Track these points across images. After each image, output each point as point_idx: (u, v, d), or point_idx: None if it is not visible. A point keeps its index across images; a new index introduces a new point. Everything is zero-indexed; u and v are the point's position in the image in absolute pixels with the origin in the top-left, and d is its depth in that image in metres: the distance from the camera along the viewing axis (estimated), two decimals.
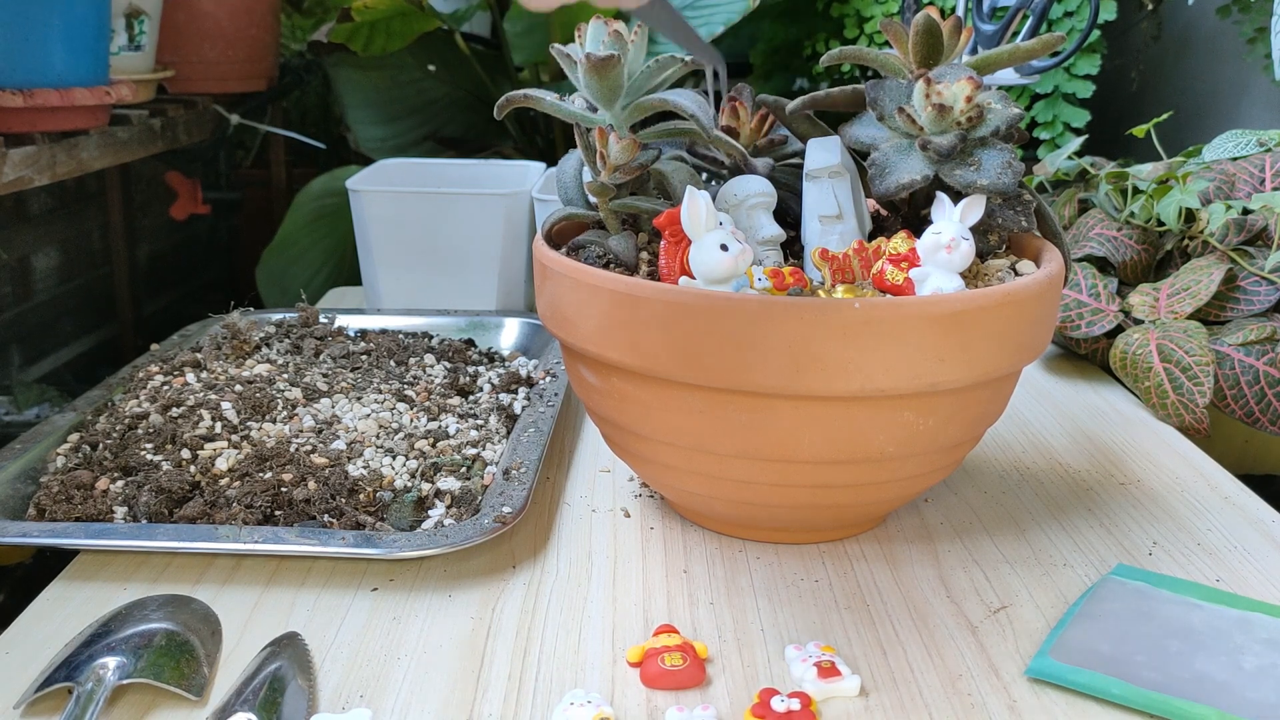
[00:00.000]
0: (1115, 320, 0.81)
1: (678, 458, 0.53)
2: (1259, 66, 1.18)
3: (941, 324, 0.47)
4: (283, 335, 0.82)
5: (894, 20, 0.58)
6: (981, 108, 0.54)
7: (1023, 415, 0.76)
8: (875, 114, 0.56)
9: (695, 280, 0.51)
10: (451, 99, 1.42)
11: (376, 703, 0.45)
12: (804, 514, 0.56)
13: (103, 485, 0.59)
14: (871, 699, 0.45)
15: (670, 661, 0.45)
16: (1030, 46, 0.57)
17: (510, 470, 0.61)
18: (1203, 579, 0.55)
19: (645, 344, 0.49)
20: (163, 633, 0.47)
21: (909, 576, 0.55)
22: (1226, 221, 0.83)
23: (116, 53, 1.06)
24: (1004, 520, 0.61)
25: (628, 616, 0.51)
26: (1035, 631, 0.50)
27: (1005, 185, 0.53)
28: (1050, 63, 0.95)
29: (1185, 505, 0.63)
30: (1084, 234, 0.89)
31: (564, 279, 0.53)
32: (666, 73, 0.54)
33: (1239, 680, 0.45)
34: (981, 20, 0.94)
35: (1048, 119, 1.22)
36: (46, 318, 1.28)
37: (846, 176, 0.57)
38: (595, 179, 0.55)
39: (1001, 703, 0.45)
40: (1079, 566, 0.56)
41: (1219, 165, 0.91)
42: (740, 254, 0.50)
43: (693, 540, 0.58)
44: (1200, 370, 0.73)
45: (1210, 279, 0.79)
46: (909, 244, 0.53)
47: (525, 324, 0.87)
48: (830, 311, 0.47)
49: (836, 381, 0.47)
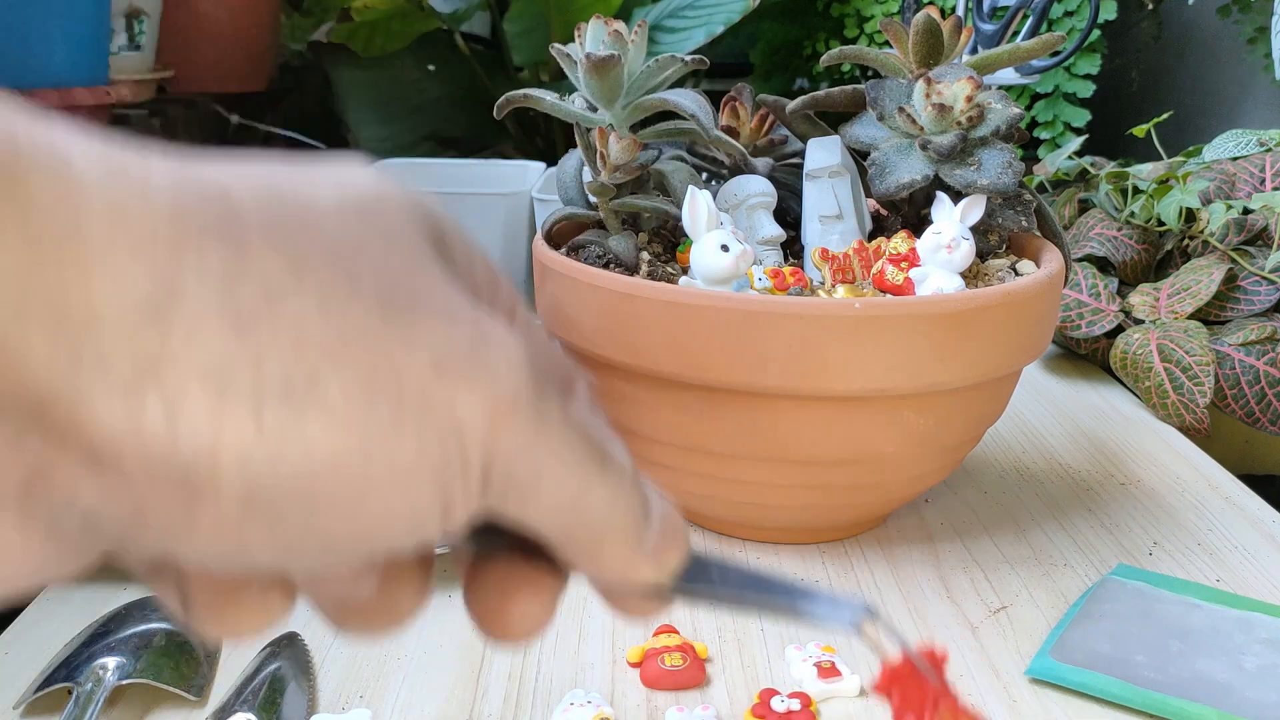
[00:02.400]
0: (1115, 320, 0.81)
1: (677, 458, 0.53)
2: (1259, 66, 1.18)
3: (941, 324, 0.47)
4: None
5: (894, 20, 0.58)
6: (982, 107, 0.54)
7: (1023, 415, 0.76)
8: (875, 114, 0.56)
9: (695, 280, 0.51)
10: (451, 99, 1.42)
11: (376, 703, 0.44)
12: (804, 514, 0.56)
13: None
14: (871, 699, 0.45)
15: (670, 661, 0.45)
16: (1030, 46, 0.57)
17: None
18: (1203, 579, 0.55)
19: (645, 344, 0.49)
20: (162, 633, 0.47)
21: (909, 576, 0.55)
22: (1227, 221, 0.83)
23: (116, 53, 1.06)
24: (1004, 520, 0.61)
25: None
26: (1035, 631, 0.50)
27: (1005, 185, 0.53)
28: (1050, 62, 0.95)
29: (1185, 505, 0.63)
30: (1084, 234, 0.89)
31: (564, 279, 0.53)
32: (666, 73, 0.54)
33: (1239, 680, 0.45)
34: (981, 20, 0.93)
35: (1048, 119, 1.22)
36: None
37: (846, 176, 0.57)
38: (595, 179, 0.55)
39: (1001, 703, 0.45)
40: (1079, 566, 0.56)
41: (1219, 165, 0.91)
42: (741, 254, 0.50)
43: (693, 540, 0.58)
44: (1200, 370, 0.73)
45: (1210, 279, 0.79)
46: (909, 244, 0.53)
47: None
48: (830, 311, 0.47)
49: (836, 381, 0.47)
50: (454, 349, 0.19)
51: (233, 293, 0.17)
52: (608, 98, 0.54)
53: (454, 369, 0.18)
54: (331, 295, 0.18)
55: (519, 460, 0.19)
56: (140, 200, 0.17)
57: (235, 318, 0.17)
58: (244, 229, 0.17)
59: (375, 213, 0.20)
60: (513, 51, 1.36)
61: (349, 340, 0.18)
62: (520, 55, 1.36)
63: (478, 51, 1.43)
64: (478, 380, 0.19)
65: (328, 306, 0.18)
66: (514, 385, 0.19)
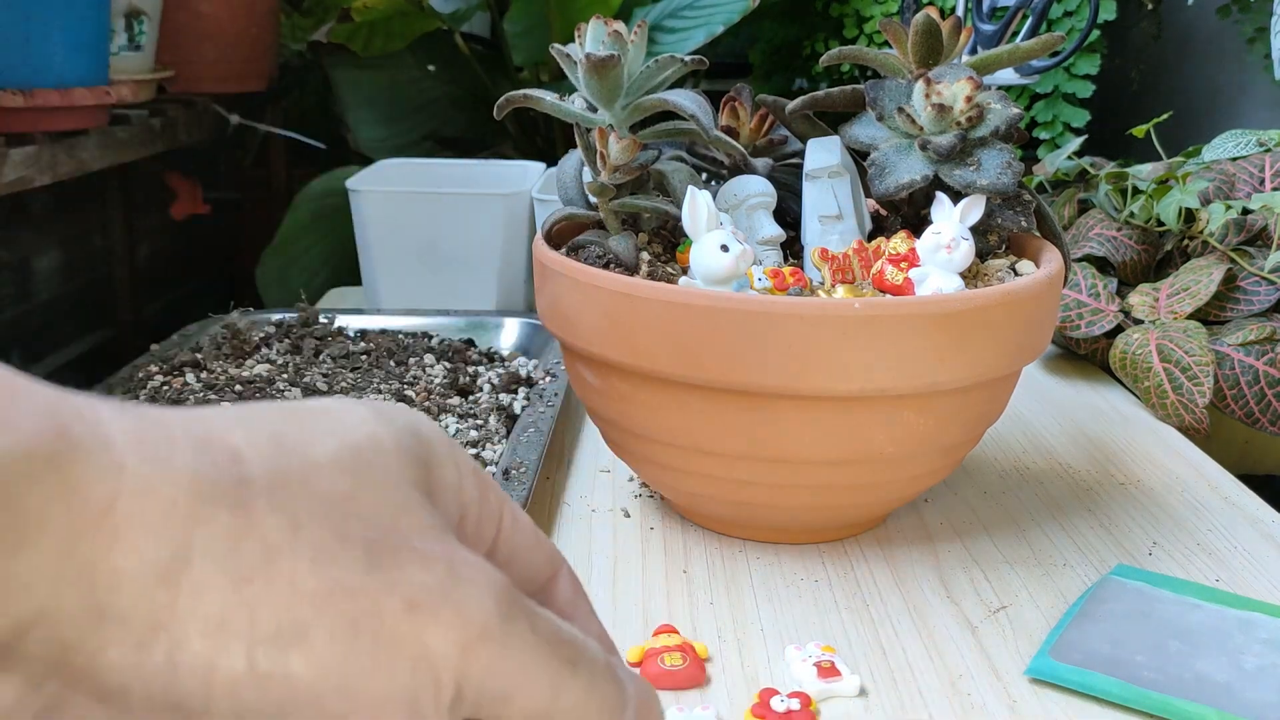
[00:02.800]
0: (1115, 320, 0.81)
1: (677, 458, 0.53)
2: (1259, 66, 1.18)
3: (941, 324, 0.47)
4: (282, 335, 0.82)
5: (893, 20, 0.58)
6: (981, 107, 0.54)
7: (1023, 415, 0.76)
8: (875, 114, 0.56)
9: (695, 280, 0.51)
10: (451, 99, 1.42)
11: None
12: (804, 514, 0.56)
13: None
14: (871, 699, 0.45)
15: (670, 661, 0.45)
16: (1029, 46, 0.57)
17: (510, 470, 0.61)
18: (1203, 579, 0.55)
19: (644, 344, 0.49)
20: None
21: (909, 576, 0.55)
22: (1226, 221, 0.83)
23: (116, 53, 1.06)
24: (1004, 520, 0.61)
25: (627, 616, 0.51)
26: (1035, 631, 0.50)
27: (1005, 185, 0.53)
28: (1050, 63, 0.95)
29: (1185, 505, 0.63)
30: (1084, 234, 0.89)
31: (564, 279, 0.53)
32: (666, 73, 0.54)
33: (1239, 680, 0.45)
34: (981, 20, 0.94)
35: (1048, 119, 1.22)
36: (47, 318, 1.28)
37: (846, 176, 0.57)
38: (595, 179, 0.55)
39: (1001, 703, 0.45)
40: (1079, 566, 0.56)
41: (1219, 165, 0.91)
42: (741, 254, 0.50)
43: (693, 540, 0.58)
44: (1200, 370, 0.73)
45: (1210, 279, 0.79)
46: (909, 244, 0.53)
47: (525, 324, 0.87)
48: (830, 312, 0.47)
49: (836, 382, 0.47)
50: (427, 588, 0.22)
51: (236, 553, 0.20)
52: (607, 98, 0.54)
53: (426, 607, 0.21)
54: (322, 550, 0.21)
55: (490, 679, 0.22)
56: (165, 475, 0.20)
57: (236, 575, 0.20)
58: (251, 494, 0.21)
59: (368, 462, 0.23)
60: (513, 51, 1.36)
61: (335, 592, 0.21)
62: (520, 55, 1.36)
63: (478, 51, 1.43)
64: (446, 615, 0.22)
65: (319, 561, 0.21)
66: (482, 617, 0.22)
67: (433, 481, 0.24)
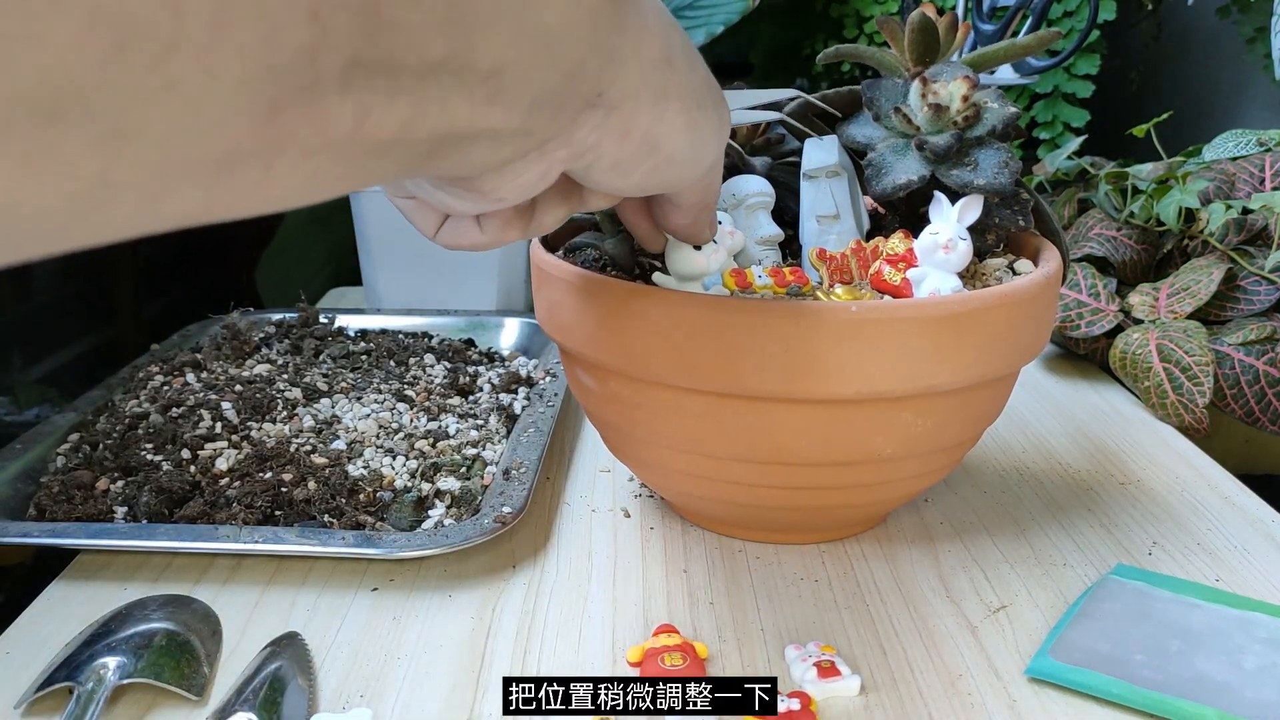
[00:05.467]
0: (1115, 320, 0.81)
1: (676, 461, 0.53)
2: (1259, 66, 1.18)
3: (939, 325, 0.47)
4: (282, 335, 0.82)
5: (890, 18, 0.58)
6: (978, 107, 0.54)
7: (1023, 415, 0.76)
8: (872, 114, 0.56)
9: (669, 278, 0.51)
10: None
11: (376, 703, 0.45)
12: (804, 515, 0.56)
13: (103, 485, 0.59)
14: (871, 699, 0.45)
15: (670, 661, 0.45)
16: (1026, 42, 0.57)
17: (510, 470, 0.61)
18: (1203, 579, 0.55)
19: (641, 347, 0.49)
20: (163, 633, 0.47)
21: (909, 576, 0.55)
22: (1226, 221, 0.83)
23: None
24: (1004, 520, 0.61)
25: (628, 616, 0.51)
26: (1035, 631, 0.50)
27: (1002, 185, 0.53)
28: (1049, 62, 0.95)
29: (1185, 505, 0.63)
30: (1083, 234, 0.89)
31: (560, 282, 0.53)
32: None
33: (1239, 680, 0.45)
34: (981, 20, 0.94)
35: (1047, 119, 1.22)
36: (47, 318, 1.28)
37: (844, 176, 0.57)
38: None
39: (1001, 703, 0.45)
40: (1079, 566, 0.56)
41: (1219, 165, 0.91)
42: (712, 253, 0.49)
43: (692, 540, 0.58)
44: (1200, 370, 0.73)
45: (1210, 279, 0.79)
46: (906, 244, 0.53)
47: (525, 324, 0.88)
48: (827, 314, 0.47)
49: (834, 384, 0.47)
50: (711, 87, 0.37)
51: (673, 54, 0.33)
52: None
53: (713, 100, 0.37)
54: (693, 59, 0.35)
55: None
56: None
57: (682, 64, 0.34)
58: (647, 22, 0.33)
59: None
60: None
61: (708, 83, 0.36)
62: None
63: None
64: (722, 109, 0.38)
65: (694, 66, 0.35)
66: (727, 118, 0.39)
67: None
